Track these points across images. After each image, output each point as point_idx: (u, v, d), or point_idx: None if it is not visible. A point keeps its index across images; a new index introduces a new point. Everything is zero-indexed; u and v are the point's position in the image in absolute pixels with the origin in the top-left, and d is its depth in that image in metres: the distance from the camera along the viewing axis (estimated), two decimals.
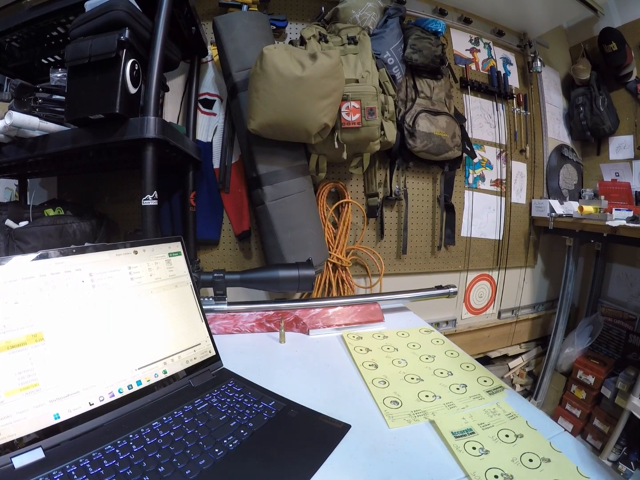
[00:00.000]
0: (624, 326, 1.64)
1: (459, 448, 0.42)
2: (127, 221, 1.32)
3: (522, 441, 0.44)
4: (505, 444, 0.43)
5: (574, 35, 1.95)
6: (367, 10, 1.30)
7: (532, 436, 0.45)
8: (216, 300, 0.77)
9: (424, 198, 1.56)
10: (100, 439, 0.42)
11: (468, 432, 0.45)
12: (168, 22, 0.83)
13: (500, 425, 0.47)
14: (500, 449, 0.42)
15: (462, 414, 0.49)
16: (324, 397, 0.53)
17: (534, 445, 0.43)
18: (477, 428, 0.46)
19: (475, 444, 0.43)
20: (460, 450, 0.41)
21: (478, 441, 0.44)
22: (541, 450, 0.43)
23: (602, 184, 1.80)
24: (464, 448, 0.42)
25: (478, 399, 0.52)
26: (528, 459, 0.41)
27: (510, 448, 0.43)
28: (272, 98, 1.00)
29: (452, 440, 0.44)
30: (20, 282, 0.42)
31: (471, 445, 0.43)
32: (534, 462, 0.41)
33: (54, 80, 0.91)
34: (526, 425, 0.47)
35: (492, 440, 0.44)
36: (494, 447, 0.43)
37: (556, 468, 0.40)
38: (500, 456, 0.41)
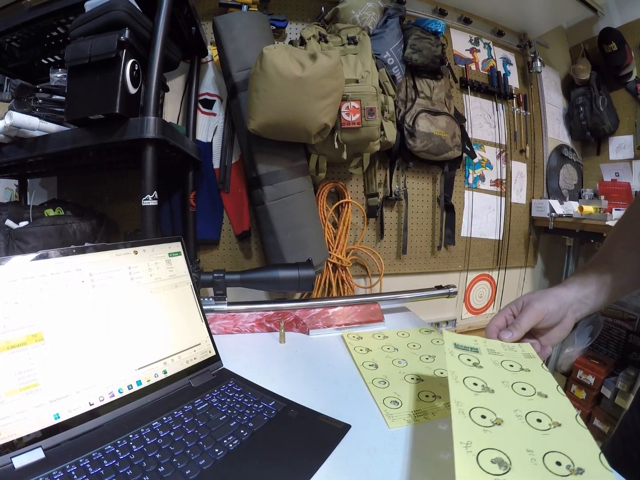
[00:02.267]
0: (624, 326, 1.63)
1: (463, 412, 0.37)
2: (127, 221, 1.32)
3: (525, 375, 0.42)
4: (506, 370, 0.42)
5: (574, 35, 1.95)
6: (367, 11, 1.30)
7: (540, 374, 0.43)
8: (216, 300, 0.77)
9: (424, 198, 1.56)
10: (100, 439, 0.42)
11: (471, 350, 0.45)
12: (168, 22, 0.83)
13: (510, 357, 0.46)
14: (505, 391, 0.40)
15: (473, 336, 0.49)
16: (324, 397, 0.53)
17: (537, 380, 0.41)
18: (482, 348, 0.46)
19: (477, 380, 0.41)
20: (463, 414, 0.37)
21: (479, 377, 0.42)
22: (542, 386, 0.41)
23: (602, 184, 1.81)
24: (469, 415, 0.37)
25: None
26: (521, 387, 0.40)
27: (509, 375, 0.42)
28: (272, 98, 1.00)
29: (452, 349, 0.44)
30: (20, 282, 0.42)
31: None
32: (527, 390, 0.40)
33: (54, 80, 0.91)
34: (540, 367, 0.44)
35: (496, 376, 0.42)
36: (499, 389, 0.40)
37: (551, 404, 0.38)
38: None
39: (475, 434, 0.34)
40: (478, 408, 0.37)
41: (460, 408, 0.37)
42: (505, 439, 0.34)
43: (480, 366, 0.44)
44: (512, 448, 0.33)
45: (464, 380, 0.41)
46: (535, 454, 0.33)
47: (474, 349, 0.48)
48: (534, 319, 0.50)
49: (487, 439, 0.34)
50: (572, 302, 0.51)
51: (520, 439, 0.34)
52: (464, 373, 0.42)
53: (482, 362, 0.45)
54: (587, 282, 0.52)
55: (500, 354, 0.47)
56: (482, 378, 0.42)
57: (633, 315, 1.61)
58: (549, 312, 0.50)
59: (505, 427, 0.36)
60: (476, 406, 0.38)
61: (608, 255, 0.54)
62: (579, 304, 0.51)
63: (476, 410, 0.37)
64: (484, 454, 0.32)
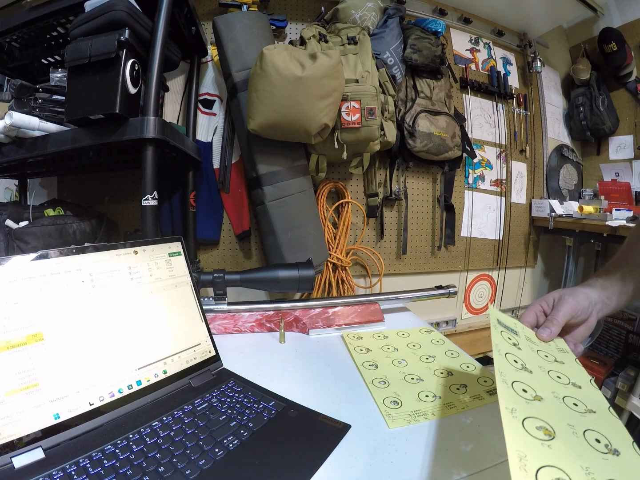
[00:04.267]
0: (624, 326, 1.63)
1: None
2: (127, 221, 1.32)
3: (559, 366, 0.43)
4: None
5: (574, 35, 1.95)
6: (367, 10, 1.30)
7: (574, 368, 0.44)
8: (216, 300, 0.77)
9: (424, 198, 1.56)
10: (100, 439, 0.42)
11: (511, 331, 0.46)
12: (168, 22, 0.83)
13: (544, 348, 0.46)
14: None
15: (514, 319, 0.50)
16: (324, 397, 0.53)
17: (571, 372, 0.42)
18: (521, 332, 0.47)
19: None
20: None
21: (518, 356, 0.42)
22: (576, 378, 0.42)
23: (602, 184, 1.81)
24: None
25: (478, 399, 0.52)
26: (557, 375, 0.41)
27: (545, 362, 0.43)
28: (272, 98, 1.00)
29: (495, 324, 0.45)
30: (20, 282, 0.42)
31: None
32: (562, 379, 0.41)
33: (54, 80, 0.91)
34: (574, 362, 0.45)
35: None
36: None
37: (585, 394, 0.39)
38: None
39: (518, 403, 0.35)
40: (519, 382, 0.38)
41: (504, 378, 0.38)
42: (547, 412, 0.35)
43: (519, 347, 0.45)
44: (554, 420, 0.34)
45: (506, 355, 0.41)
46: (576, 428, 0.34)
47: (514, 330, 0.49)
48: (569, 313, 0.50)
49: (529, 409, 0.35)
50: (597, 302, 0.51)
51: (561, 415, 0.36)
52: (506, 349, 0.43)
53: (520, 345, 0.46)
54: (608, 283, 0.53)
55: (536, 343, 0.48)
56: (522, 358, 0.43)
57: (633, 315, 1.61)
58: (582, 308, 0.50)
59: (545, 403, 0.37)
60: (517, 380, 0.39)
61: (629, 255, 0.54)
62: (602, 304, 0.51)
63: (517, 384, 0.38)
64: (529, 421, 0.33)
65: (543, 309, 0.53)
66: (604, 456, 0.32)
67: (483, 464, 0.40)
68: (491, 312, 0.50)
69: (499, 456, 0.41)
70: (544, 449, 0.31)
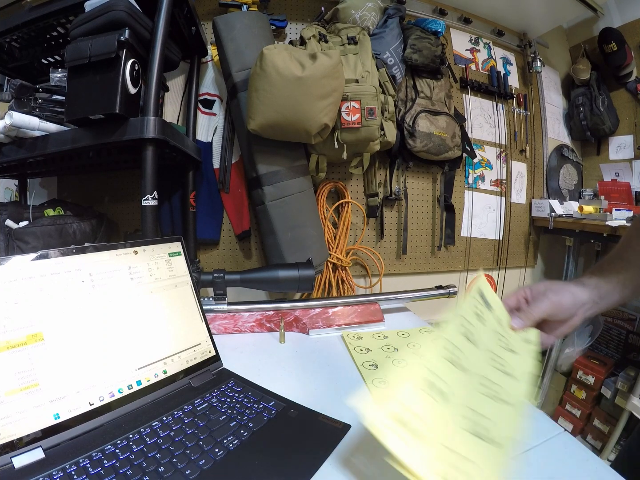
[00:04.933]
0: (624, 326, 1.63)
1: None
2: (127, 221, 1.32)
3: (507, 353, 0.46)
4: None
5: (574, 35, 1.95)
6: (367, 10, 1.30)
7: (523, 360, 0.46)
8: (216, 300, 0.77)
9: (424, 198, 1.56)
10: (100, 439, 0.42)
11: (487, 305, 0.49)
12: (168, 22, 0.83)
13: (507, 335, 0.48)
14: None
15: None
16: (324, 397, 0.53)
17: (515, 363, 0.45)
18: (496, 311, 0.50)
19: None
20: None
21: (473, 325, 0.46)
22: (515, 369, 0.44)
23: (602, 184, 1.80)
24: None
25: None
26: (498, 362, 0.44)
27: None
28: (272, 98, 1.00)
29: (475, 294, 0.48)
30: (20, 282, 0.42)
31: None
32: (497, 364, 0.44)
33: (54, 80, 0.91)
34: (529, 355, 0.47)
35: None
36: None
37: (510, 385, 0.42)
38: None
39: (437, 353, 0.40)
40: (453, 344, 0.42)
41: (442, 333, 0.43)
42: (454, 379, 0.39)
43: (481, 320, 0.47)
44: (455, 389, 0.38)
45: (462, 316, 0.45)
46: (468, 406, 0.37)
47: (489, 305, 0.50)
48: (546, 311, 0.49)
49: (443, 366, 0.39)
50: (585, 302, 0.50)
51: (465, 390, 0.39)
52: (465, 313, 0.46)
53: (484, 318, 0.47)
54: (602, 282, 0.51)
55: (503, 326, 0.49)
56: (473, 327, 0.45)
57: (633, 315, 1.61)
58: (562, 308, 0.49)
59: (463, 373, 0.40)
60: (454, 341, 0.42)
61: (624, 253, 0.53)
62: (591, 304, 0.50)
63: (452, 343, 0.42)
64: (436, 368, 0.38)
65: (526, 297, 0.52)
66: (475, 440, 0.34)
67: None
68: (479, 282, 0.51)
69: None
70: (424, 397, 0.35)
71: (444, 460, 0.32)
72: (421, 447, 0.32)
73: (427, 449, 0.32)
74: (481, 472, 0.32)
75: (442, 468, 0.31)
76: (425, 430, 0.33)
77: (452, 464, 0.31)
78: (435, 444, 0.32)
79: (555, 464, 0.41)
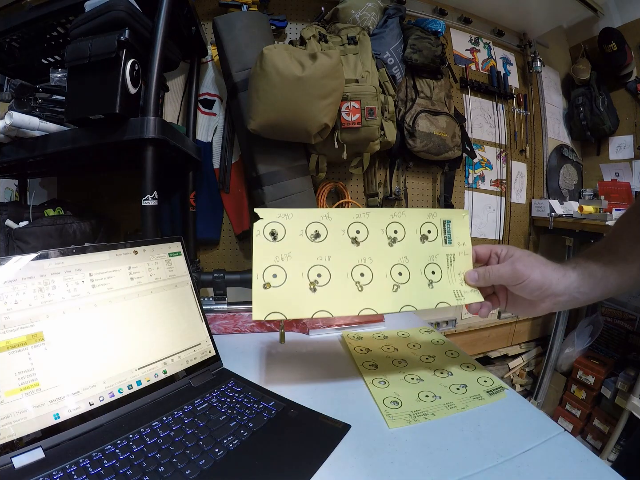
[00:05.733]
0: (624, 326, 1.64)
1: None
2: (127, 221, 1.32)
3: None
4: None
5: (574, 35, 1.95)
6: (367, 10, 1.30)
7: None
8: (216, 300, 0.77)
9: (424, 198, 1.56)
10: (100, 439, 0.42)
11: (447, 235, 0.55)
12: (168, 22, 0.83)
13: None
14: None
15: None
16: (324, 397, 0.53)
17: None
18: (455, 248, 0.54)
19: None
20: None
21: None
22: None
23: (602, 184, 1.80)
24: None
25: (478, 399, 0.52)
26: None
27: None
28: (272, 98, 1.00)
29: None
30: (20, 282, 0.42)
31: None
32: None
33: (54, 80, 0.91)
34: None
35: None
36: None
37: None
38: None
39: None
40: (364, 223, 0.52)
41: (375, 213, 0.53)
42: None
43: (423, 238, 0.54)
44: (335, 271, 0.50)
45: (389, 225, 0.53)
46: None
47: (450, 239, 0.55)
48: (506, 279, 0.48)
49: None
50: (560, 293, 0.47)
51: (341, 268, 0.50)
52: (408, 219, 0.54)
53: (428, 240, 0.55)
54: (586, 274, 0.47)
55: (450, 264, 0.54)
56: (408, 239, 0.53)
57: (633, 315, 1.61)
58: (524, 284, 0.46)
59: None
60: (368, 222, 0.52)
61: (613, 245, 0.49)
62: (568, 297, 0.47)
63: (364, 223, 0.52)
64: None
65: (497, 254, 0.51)
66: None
67: (483, 464, 0.40)
68: (454, 214, 0.55)
69: (498, 456, 0.41)
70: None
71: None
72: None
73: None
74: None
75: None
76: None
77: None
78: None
79: (555, 464, 0.41)
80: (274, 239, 0.49)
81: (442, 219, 0.54)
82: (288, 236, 0.49)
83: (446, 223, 0.54)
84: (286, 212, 0.49)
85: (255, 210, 0.49)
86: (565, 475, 0.39)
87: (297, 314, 0.48)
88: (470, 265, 0.53)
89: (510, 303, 0.52)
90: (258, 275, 0.48)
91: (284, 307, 0.47)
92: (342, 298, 0.49)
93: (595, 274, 0.47)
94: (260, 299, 0.47)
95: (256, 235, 0.49)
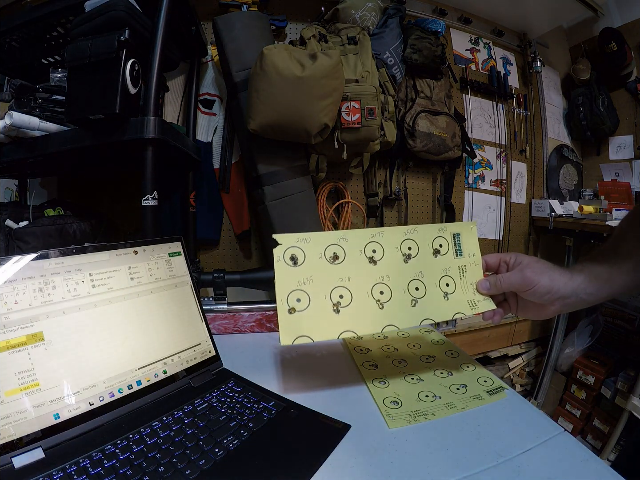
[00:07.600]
0: (624, 326, 1.63)
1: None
2: (127, 221, 1.32)
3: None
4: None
5: (574, 35, 1.95)
6: (367, 10, 1.30)
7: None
8: (216, 300, 0.77)
9: (424, 198, 1.56)
10: (100, 439, 0.42)
11: (458, 247, 0.56)
12: (168, 22, 0.82)
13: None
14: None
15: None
16: (324, 397, 0.53)
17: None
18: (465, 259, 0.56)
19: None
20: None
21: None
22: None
23: (602, 184, 1.80)
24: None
25: (478, 399, 0.53)
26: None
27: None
28: (272, 98, 1.00)
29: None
30: (20, 282, 0.42)
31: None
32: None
33: (54, 80, 0.91)
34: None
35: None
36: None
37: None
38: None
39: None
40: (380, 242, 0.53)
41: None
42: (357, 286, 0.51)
43: (437, 252, 0.55)
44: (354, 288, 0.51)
45: (404, 243, 0.54)
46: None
47: (461, 251, 0.56)
48: (516, 286, 0.49)
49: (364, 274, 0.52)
50: (568, 295, 0.48)
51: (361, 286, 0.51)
52: (421, 236, 0.55)
53: (441, 254, 0.56)
54: (592, 276, 0.48)
55: (462, 276, 0.55)
56: (421, 254, 0.54)
57: (633, 315, 1.61)
58: (534, 290, 0.47)
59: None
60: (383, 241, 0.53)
61: (617, 247, 0.51)
62: (576, 299, 0.48)
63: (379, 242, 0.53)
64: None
65: (507, 263, 0.52)
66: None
67: (483, 464, 0.40)
68: (463, 227, 0.56)
69: (498, 456, 0.41)
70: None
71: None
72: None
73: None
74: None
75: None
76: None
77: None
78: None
79: (555, 464, 0.41)
80: (294, 263, 0.49)
81: (452, 232, 0.56)
82: (308, 260, 0.50)
83: (456, 236, 0.56)
84: (304, 237, 0.50)
85: (274, 236, 0.49)
86: (565, 475, 0.39)
87: (323, 336, 0.49)
88: (481, 275, 0.55)
89: (521, 308, 0.53)
90: (282, 300, 0.48)
91: (310, 330, 0.48)
92: (364, 317, 0.49)
93: (601, 276, 0.48)
94: (287, 324, 0.48)
95: (277, 261, 0.49)
